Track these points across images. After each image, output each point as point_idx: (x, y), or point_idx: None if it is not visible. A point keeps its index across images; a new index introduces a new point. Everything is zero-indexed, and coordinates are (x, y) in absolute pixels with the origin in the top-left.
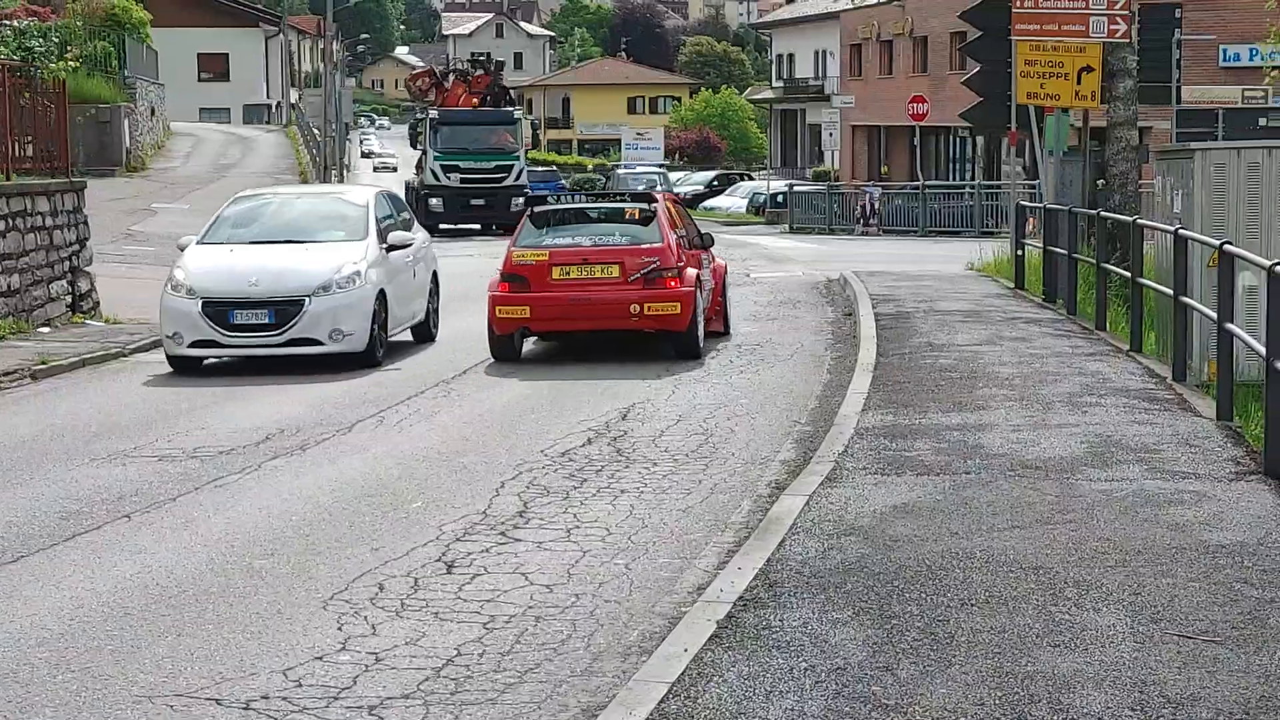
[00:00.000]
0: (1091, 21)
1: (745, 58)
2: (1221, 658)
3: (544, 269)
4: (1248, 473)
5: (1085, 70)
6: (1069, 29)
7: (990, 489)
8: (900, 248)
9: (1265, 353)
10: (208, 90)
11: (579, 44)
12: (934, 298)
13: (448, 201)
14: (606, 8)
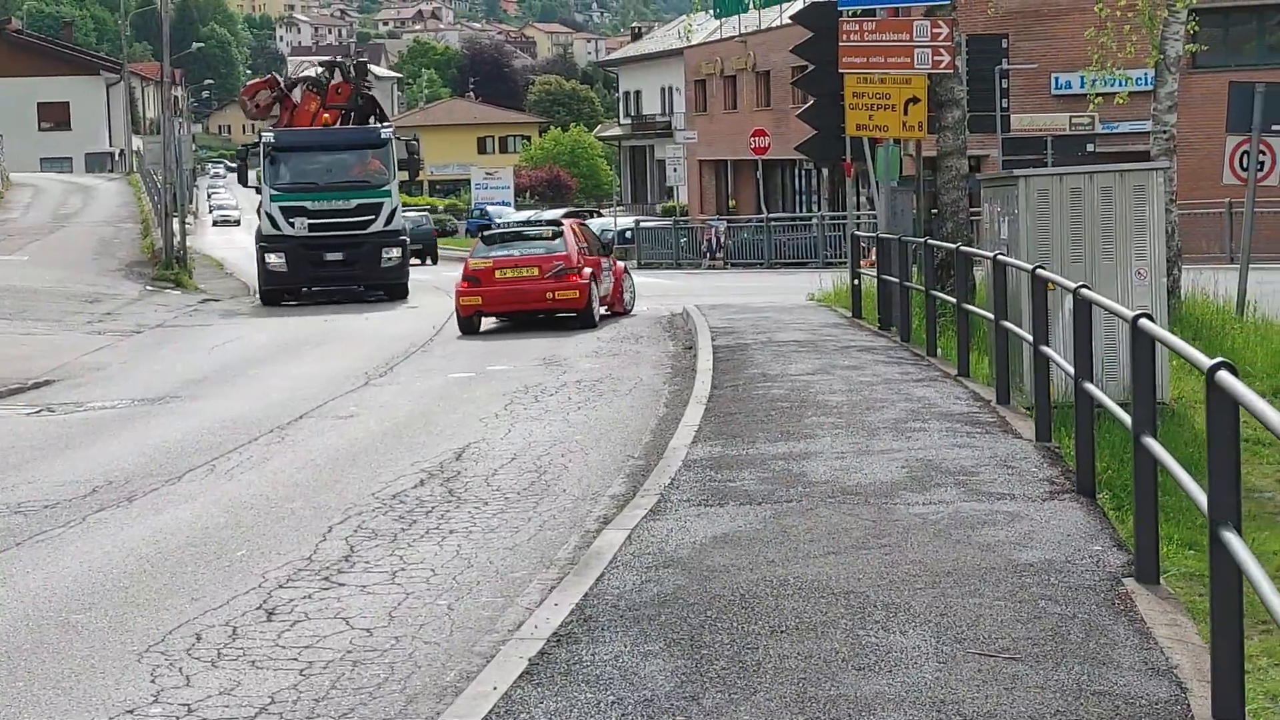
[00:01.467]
0: (916, 53)
1: (594, 95)
2: (1021, 675)
3: (490, 271)
4: (1061, 492)
5: (912, 101)
6: (894, 61)
7: (810, 516)
8: (745, 280)
9: (1074, 373)
10: (49, 139)
11: (427, 85)
12: (772, 329)
13: (294, 258)
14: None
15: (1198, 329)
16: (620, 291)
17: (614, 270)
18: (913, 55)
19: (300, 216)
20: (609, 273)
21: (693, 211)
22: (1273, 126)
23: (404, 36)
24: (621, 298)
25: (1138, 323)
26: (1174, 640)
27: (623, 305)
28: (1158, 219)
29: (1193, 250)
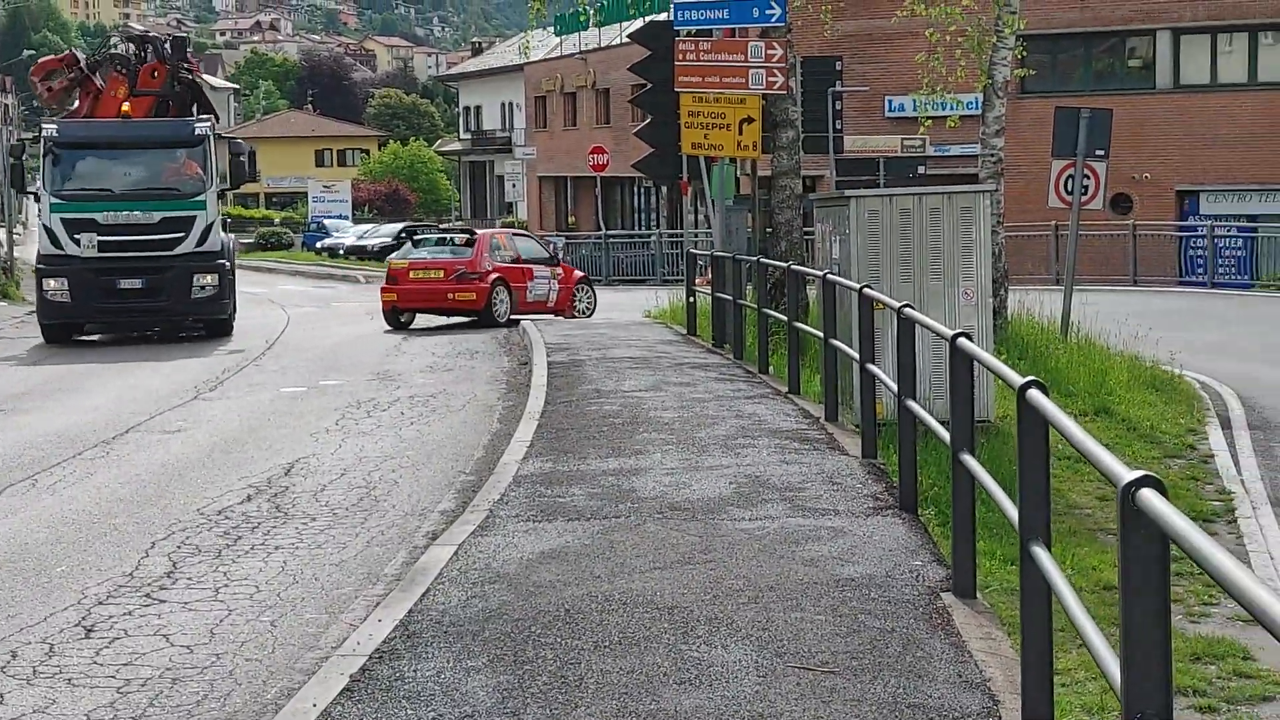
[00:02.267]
0: (751, 74)
1: (434, 110)
2: (839, 688)
3: (406, 271)
4: (884, 508)
5: (746, 121)
6: (729, 81)
7: (638, 532)
8: None
9: (897, 390)
10: None
11: (265, 96)
12: (608, 345)
13: (79, 286)
14: (292, 60)
15: (1023, 349)
16: (570, 298)
17: (566, 279)
18: (748, 76)
19: (88, 232)
20: (551, 280)
21: (532, 227)
22: (1097, 151)
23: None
24: (573, 304)
25: (956, 342)
26: (988, 653)
27: (573, 311)
28: (984, 240)
29: (1020, 271)
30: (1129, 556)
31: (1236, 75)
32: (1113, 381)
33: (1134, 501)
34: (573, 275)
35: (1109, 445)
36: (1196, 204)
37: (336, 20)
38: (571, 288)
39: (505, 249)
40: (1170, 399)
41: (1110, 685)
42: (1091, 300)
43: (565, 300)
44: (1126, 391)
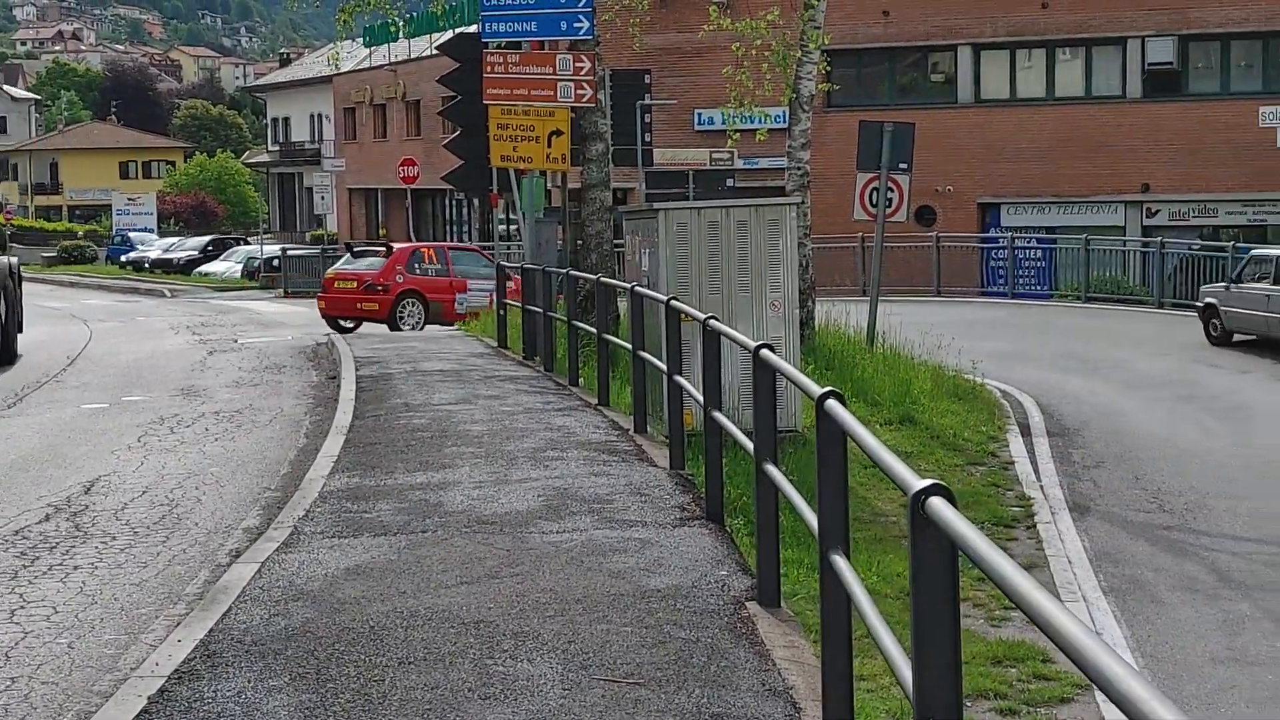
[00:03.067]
0: (559, 87)
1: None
2: (644, 699)
3: (332, 281)
4: (691, 519)
5: (555, 134)
6: (537, 94)
7: (445, 546)
8: None
9: (704, 402)
10: None
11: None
12: (418, 358)
13: None
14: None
15: (830, 359)
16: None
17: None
18: (556, 88)
19: None
20: (483, 293)
21: (342, 240)
22: (900, 165)
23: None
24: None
25: (759, 353)
26: (791, 661)
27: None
28: (791, 252)
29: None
30: (919, 563)
31: (1035, 90)
32: (917, 391)
33: (923, 510)
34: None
35: (912, 454)
36: (998, 216)
37: (141, 30)
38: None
39: (431, 263)
40: (972, 407)
41: (904, 690)
42: (897, 311)
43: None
44: (930, 400)
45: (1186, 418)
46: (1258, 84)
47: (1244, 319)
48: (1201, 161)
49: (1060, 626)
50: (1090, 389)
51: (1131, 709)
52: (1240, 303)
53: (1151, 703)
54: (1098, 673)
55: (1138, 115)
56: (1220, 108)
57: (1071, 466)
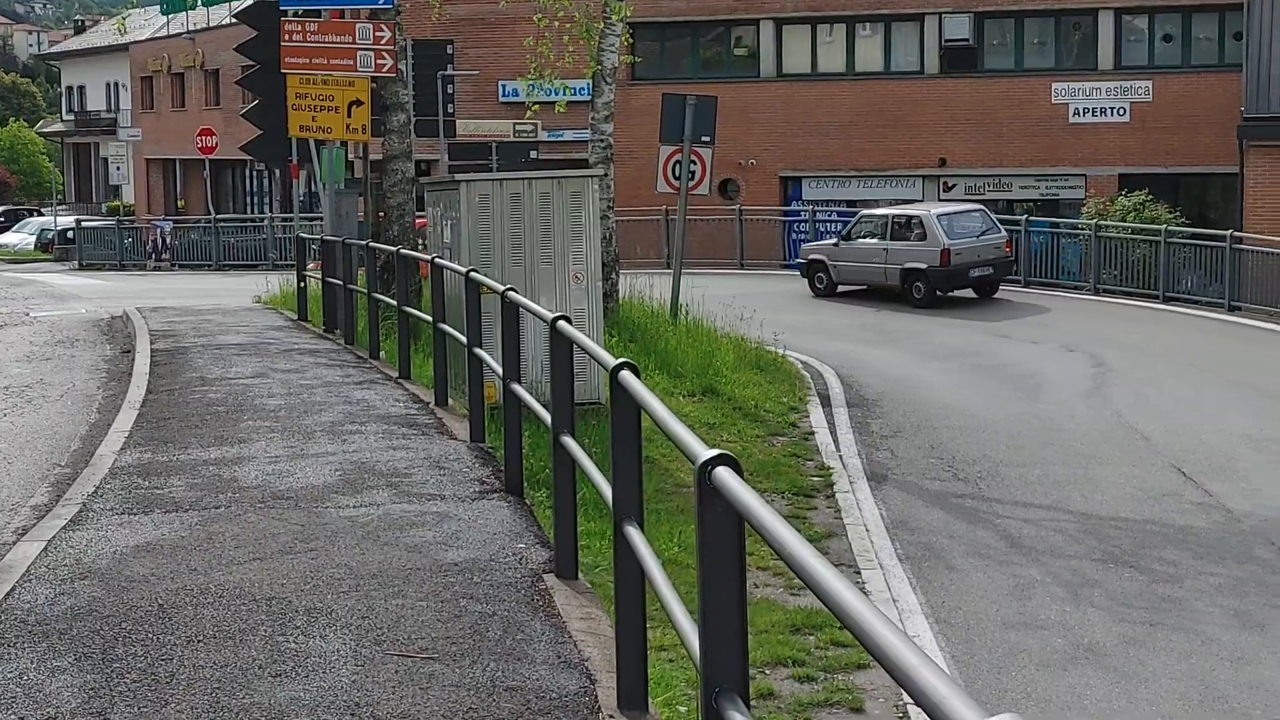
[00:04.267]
0: (359, 56)
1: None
2: (438, 674)
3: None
4: (490, 491)
5: (355, 104)
6: (337, 63)
7: (238, 522)
8: (192, 282)
9: (503, 374)
10: None
11: None
12: (215, 332)
13: None
14: None
15: (634, 331)
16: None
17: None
18: (355, 58)
19: None
20: None
21: (140, 211)
22: (703, 138)
23: None
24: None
25: (556, 325)
26: (587, 633)
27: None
28: (594, 224)
29: (631, 255)
30: (706, 533)
31: (835, 65)
32: (720, 363)
33: (710, 480)
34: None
35: (715, 425)
36: (799, 189)
37: None
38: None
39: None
40: (774, 379)
41: (692, 659)
42: (700, 283)
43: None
44: (733, 372)
45: (983, 388)
46: (1050, 61)
47: (854, 271)
48: (996, 136)
49: (838, 597)
50: (889, 360)
51: (904, 679)
52: (851, 257)
53: (922, 670)
54: (871, 640)
55: (935, 90)
56: (1014, 84)
57: (870, 436)
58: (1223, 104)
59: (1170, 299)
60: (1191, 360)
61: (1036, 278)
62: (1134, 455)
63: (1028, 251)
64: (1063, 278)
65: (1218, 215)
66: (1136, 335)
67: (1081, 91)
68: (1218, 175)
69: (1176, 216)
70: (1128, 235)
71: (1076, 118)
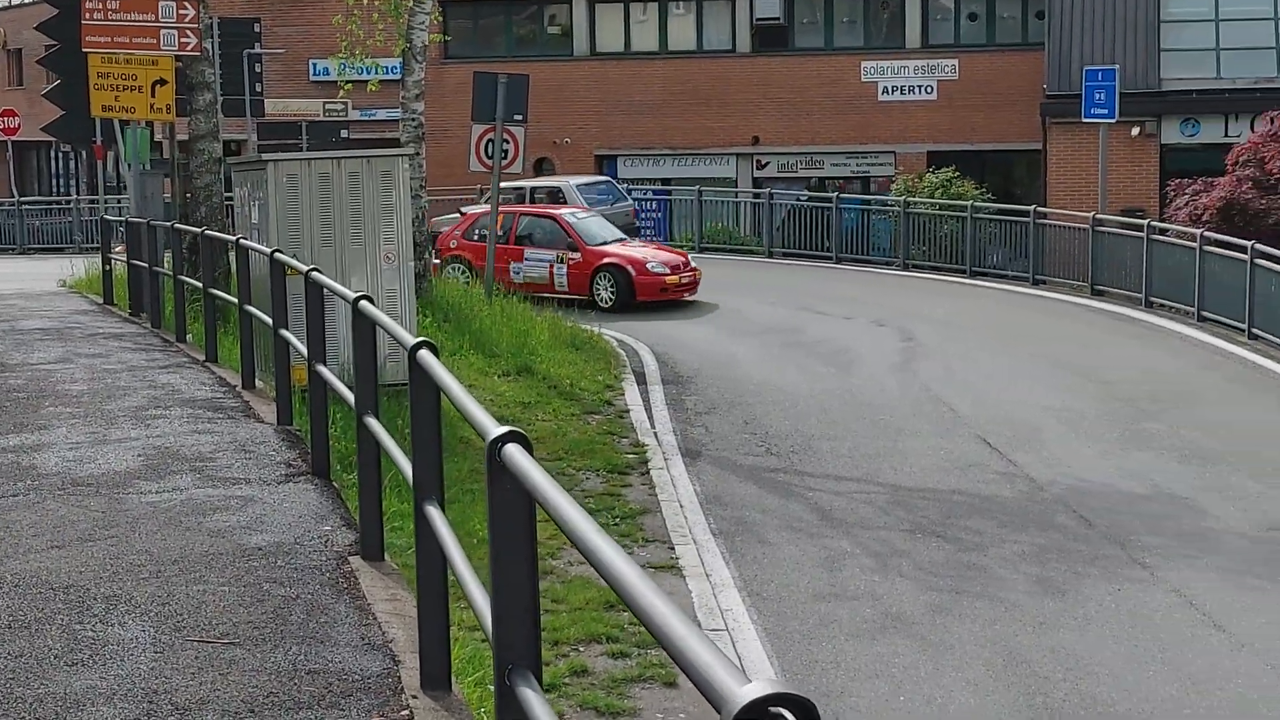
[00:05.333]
0: (162, 35)
1: None
2: (238, 659)
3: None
4: (297, 474)
5: (160, 83)
6: (140, 42)
7: (36, 510)
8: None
9: (308, 355)
10: None
11: None
12: (17, 316)
13: None
14: None
15: (448, 312)
16: (589, 283)
17: (582, 263)
18: (159, 36)
19: None
20: (558, 262)
21: None
22: (515, 116)
23: None
24: (593, 290)
25: (357, 305)
26: (392, 615)
27: (594, 297)
28: (405, 204)
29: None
30: (496, 511)
31: (648, 44)
32: (535, 342)
33: (499, 456)
34: (599, 258)
35: (530, 404)
36: (615, 168)
37: None
38: (589, 272)
39: (499, 229)
40: (590, 357)
41: (487, 637)
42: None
43: (581, 285)
44: (548, 351)
45: (796, 363)
46: (860, 40)
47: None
48: (808, 114)
49: (616, 571)
50: (704, 336)
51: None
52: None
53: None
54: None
55: (747, 69)
56: (825, 62)
57: (685, 413)
58: (1026, 82)
59: (977, 273)
60: (998, 333)
61: (848, 254)
62: (942, 427)
63: (839, 229)
64: (874, 254)
65: (1023, 191)
66: (945, 310)
67: (890, 70)
68: (1022, 152)
69: (983, 193)
70: (935, 212)
71: (886, 96)
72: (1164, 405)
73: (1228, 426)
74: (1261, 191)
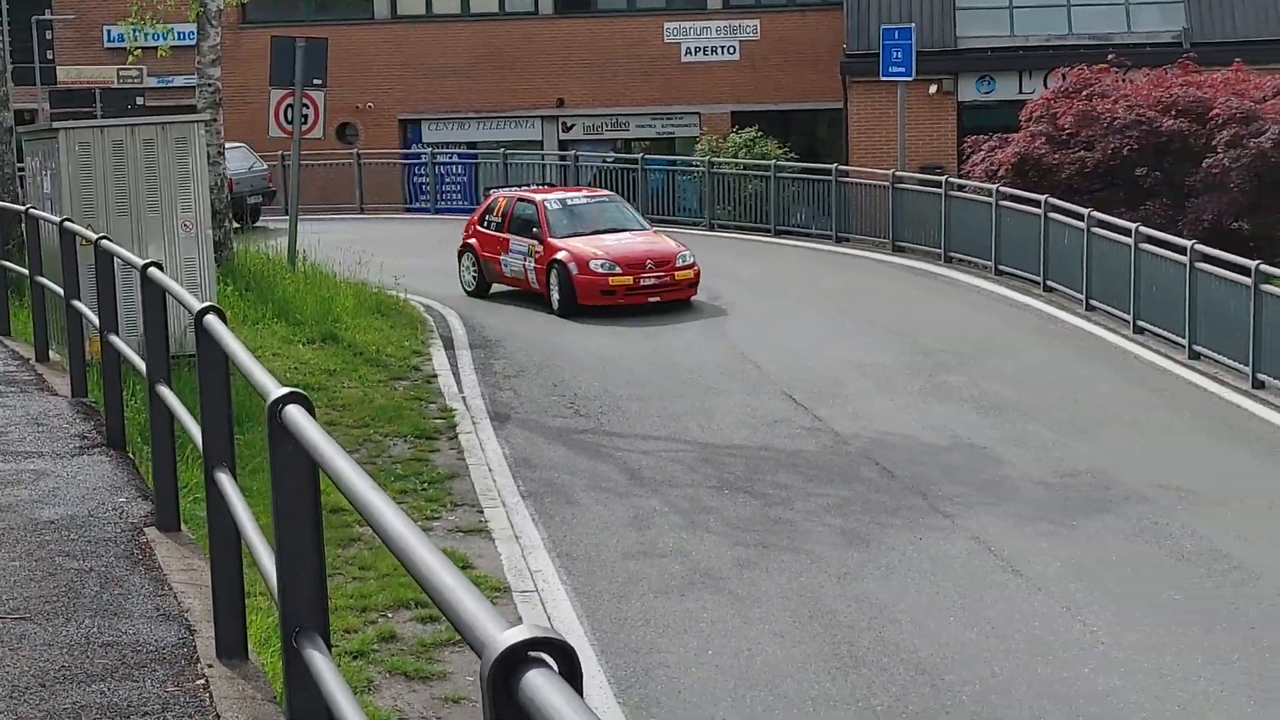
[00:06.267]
0: None
1: None
2: (29, 634)
3: None
4: (92, 446)
5: None
6: None
7: None
8: None
9: (99, 325)
10: None
11: None
12: None
13: None
14: None
15: (251, 280)
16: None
17: (543, 256)
18: None
19: None
20: (527, 256)
21: None
22: (315, 80)
23: None
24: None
25: (146, 272)
26: (188, 585)
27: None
28: (203, 171)
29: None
30: (278, 473)
31: (450, 6)
32: (340, 309)
33: (280, 418)
34: (553, 252)
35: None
36: (419, 132)
37: None
38: (544, 267)
39: (497, 214)
40: (396, 323)
41: (275, 602)
42: (319, 229)
43: (543, 282)
44: (354, 318)
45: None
46: (661, 1)
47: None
48: (612, 76)
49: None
50: (513, 301)
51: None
52: None
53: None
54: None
55: (550, 31)
56: (628, 24)
57: (493, 377)
58: (827, 42)
59: (782, 232)
60: (803, 291)
61: (655, 215)
62: (748, 385)
63: (645, 190)
64: (680, 214)
65: (826, 150)
66: (751, 269)
67: (693, 31)
68: (825, 111)
69: (786, 152)
70: (740, 172)
71: (689, 57)
72: (964, 358)
73: (1025, 378)
74: (1054, 147)
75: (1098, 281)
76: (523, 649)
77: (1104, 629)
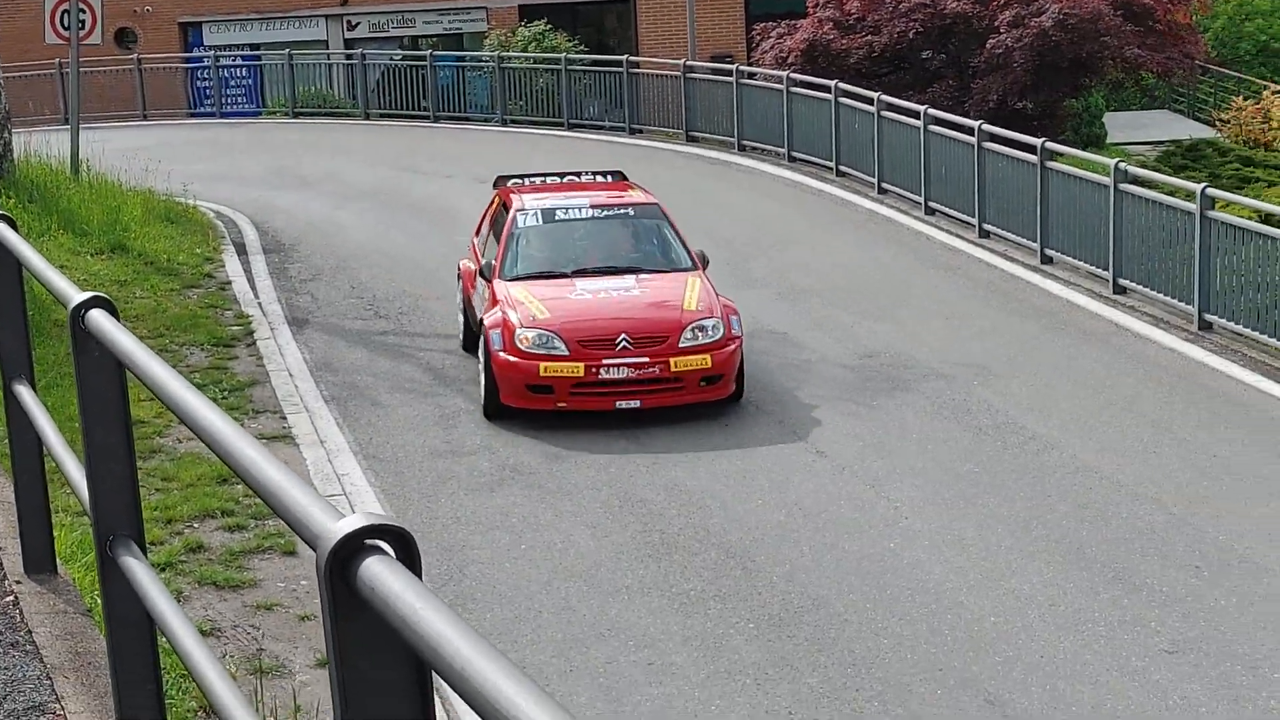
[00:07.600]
0: None
1: None
2: None
3: None
4: None
5: None
6: None
7: None
8: None
9: None
10: None
11: None
12: None
13: None
14: None
15: (33, 192)
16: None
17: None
18: None
19: None
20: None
21: None
22: None
23: None
24: None
25: None
26: None
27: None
28: None
29: (26, 113)
30: (84, 380)
31: None
32: (127, 218)
33: (83, 323)
34: (492, 305)
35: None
36: (200, 36)
37: None
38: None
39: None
40: (186, 230)
41: (86, 511)
42: (102, 138)
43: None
44: (142, 227)
45: (400, 225)
46: None
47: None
48: None
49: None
50: (304, 203)
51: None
52: None
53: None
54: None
55: None
56: None
57: (289, 281)
58: None
59: (575, 126)
60: None
61: (446, 113)
62: None
63: (435, 87)
64: (472, 112)
65: (616, 42)
66: (543, 163)
67: None
68: (613, 3)
69: (576, 45)
70: (530, 66)
71: None
72: (762, 246)
73: (821, 263)
74: (842, 32)
75: (889, 165)
76: (359, 537)
77: (907, 504)
